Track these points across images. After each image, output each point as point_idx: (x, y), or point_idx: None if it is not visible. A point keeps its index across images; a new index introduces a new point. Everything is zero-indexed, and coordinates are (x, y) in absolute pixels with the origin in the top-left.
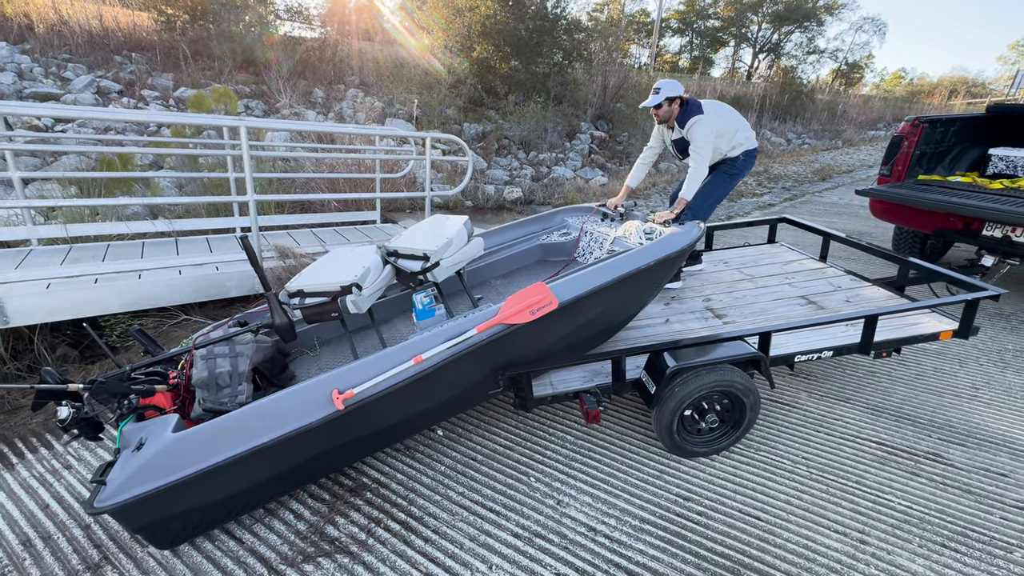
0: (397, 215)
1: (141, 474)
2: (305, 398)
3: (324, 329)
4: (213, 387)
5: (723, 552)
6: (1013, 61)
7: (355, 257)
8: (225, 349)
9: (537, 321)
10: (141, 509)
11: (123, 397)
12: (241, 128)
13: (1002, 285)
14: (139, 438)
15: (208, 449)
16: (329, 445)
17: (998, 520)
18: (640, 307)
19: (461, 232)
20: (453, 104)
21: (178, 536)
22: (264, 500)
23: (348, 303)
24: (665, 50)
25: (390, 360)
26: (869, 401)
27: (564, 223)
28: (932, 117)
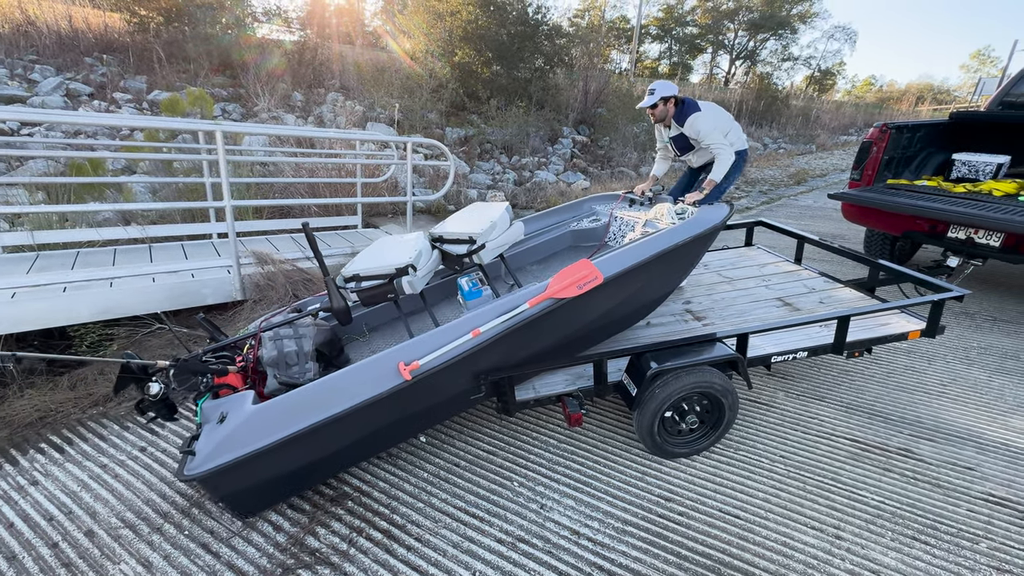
0: (379, 220)
1: (226, 444)
2: (375, 370)
3: (372, 316)
4: (283, 365)
5: (704, 551)
6: (975, 69)
7: (405, 242)
8: (289, 331)
9: (583, 296)
10: (226, 477)
11: (201, 376)
12: (217, 132)
13: (966, 285)
14: (220, 412)
15: (286, 420)
16: (396, 416)
17: (965, 512)
18: (676, 284)
19: (504, 216)
20: (435, 108)
21: (257, 504)
22: (333, 471)
23: (404, 284)
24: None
25: (451, 333)
26: (843, 399)
27: (593, 210)
28: (899, 123)
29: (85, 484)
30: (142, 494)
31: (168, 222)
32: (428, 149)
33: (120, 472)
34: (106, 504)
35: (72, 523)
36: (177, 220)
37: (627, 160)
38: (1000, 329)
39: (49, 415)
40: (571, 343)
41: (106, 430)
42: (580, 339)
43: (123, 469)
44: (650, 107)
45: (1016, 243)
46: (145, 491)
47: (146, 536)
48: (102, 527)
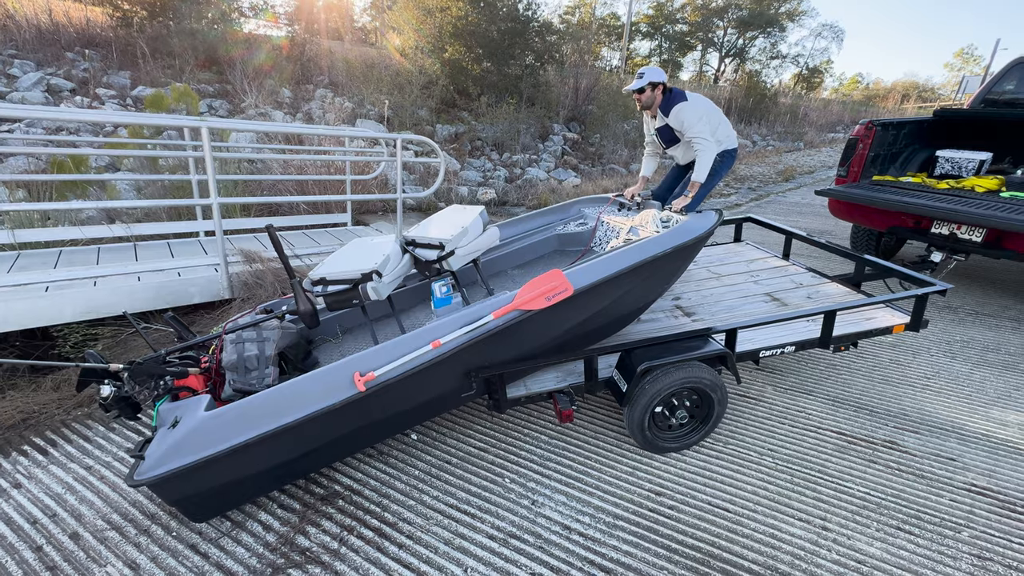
0: (369, 217)
1: (176, 449)
2: (329, 380)
3: (346, 318)
4: (242, 370)
5: (693, 544)
6: (958, 68)
7: (375, 246)
8: (253, 334)
9: (552, 308)
10: (177, 482)
11: (159, 378)
12: (203, 129)
13: (949, 280)
14: (174, 416)
15: (238, 427)
16: (351, 427)
17: (948, 502)
18: (656, 296)
19: (476, 222)
20: (425, 105)
21: (211, 510)
22: (290, 478)
23: (369, 290)
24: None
25: (409, 344)
26: (830, 393)
27: (581, 213)
28: (885, 121)
29: (70, 486)
30: (129, 496)
31: (153, 220)
32: (418, 146)
33: (106, 474)
34: (92, 506)
35: (57, 526)
36: (163, 218)
37: (618, 157)
38: (982, 323)
39: (32, 416)
40: (541, 354)
41: (91, 431)
42: (551, 351)
43: (109, 471)
44: (637, 91)
45: (997, 238)
46: (132, 493)
47: (133, 538)
48: (88, 529)
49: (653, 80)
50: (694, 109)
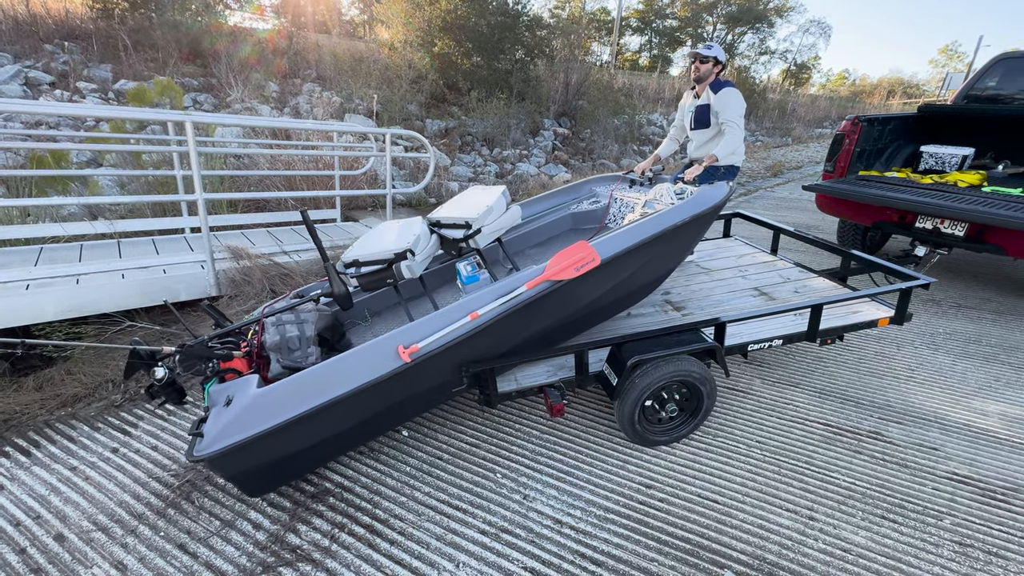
0: (358, 213)
1: (232, 426)
2: (375, 354)
3: (373, 301)
4: (285, 350)
5: (683, 536)
6: (943, 64)
7: (404, 227)
8: (291, 316)
9: (581, 278)
10: (234, 458)
11: (207, 361)
12: (187, 123)
13: (932, 274)
14: (226, 396)
15: (290, 402)
16: (397, 399)
17: (930, 491)
18: (675, 264)
19: (500, 200)
20: (415, 100)
21: (266, 484)
22: (336, 453)
23: (403, 268)
24: (626, 48)
25: (448, 317)
26: (817, 385)
27: (592, 192)
28: (870, 116)
29: (54, 487)
30: (115, 496)
31: (137, 216)
32: (408, 141)
33: (91, 474)
34: (77, 507)
35: (41, 527)
36: (147, 214)
37: (608, 152)
38: (964, 315)
39: (14, 417)
40: (569, 324)
41: (75, 431)
42: (579, 320)
43: (94, 471)
44: (701, 59)
45: (979, 232)
46: (118, 493)
47: (120, 538)
48: (72, 531)
49: (719, 57)
50: (738, 97)
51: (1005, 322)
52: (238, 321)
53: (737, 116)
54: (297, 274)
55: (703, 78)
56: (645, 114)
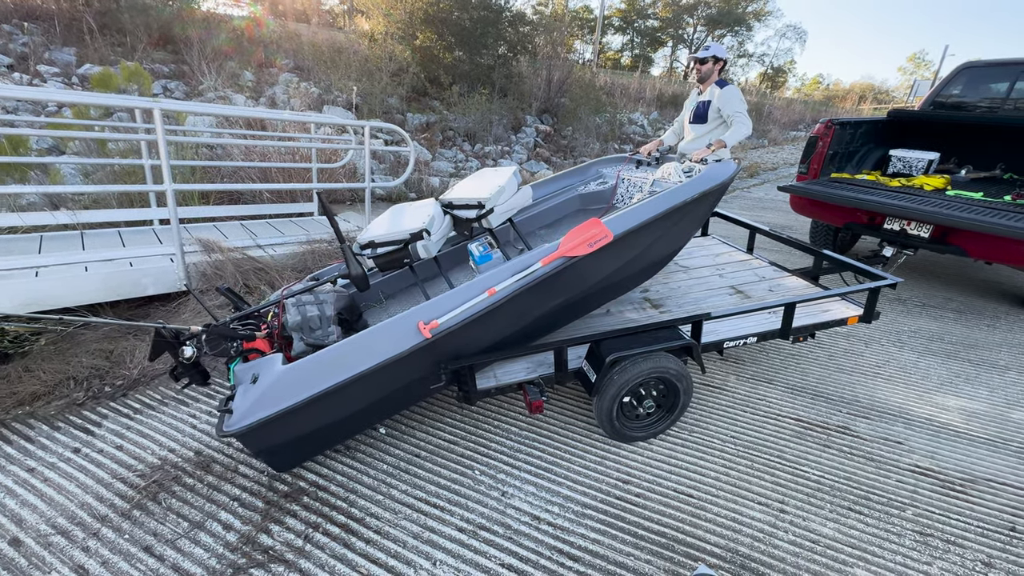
0: (336, 207)
1: (260, 402)
2: (396, 330)
3: (387, 284)
4: (307, 330)
5: (659, 530)
6: (911, 72)
7: (418, 208)
8: (311, 297)
9: (594, 254)
10: (263, 432)
11: (232, 341)
12: (156, 110)
13: (899, 274)
14: (252, 374)
15: (316, 377)
16: (415, 375)
17: (894, 483)
18: (684, 242)
19: (512, 181)
20: (395, 93)
21: (292, 459)
22: (357, 429)
23: (419, 248)
24: (608, 47)
25: (466, 293)
26: (789, 381)
27: (599, 174)
28: (843, 120)
29: (9, 490)
30: (76, 498)
31: (103, 207)
32: (388, 135)
33: (50, 475)
34: (34, 510)
35: None
36: (113, 205)
37: (590, 151)
38: (928, 314)
39: None
40: (582, 301)
41: (33, 431)
42: (591, 296)
43: (54, 472)
44: (700, 61)
45: (942, 234)
46: (80, 494)
47: (81, 542)
48: (29, 534)
49: (718, 55)
50: (740, 95)
51: (965, 321)
52: (256, 303)
53: (741, 107)
54: (272, 269)
55: (706, 77)
56: (626, 113)
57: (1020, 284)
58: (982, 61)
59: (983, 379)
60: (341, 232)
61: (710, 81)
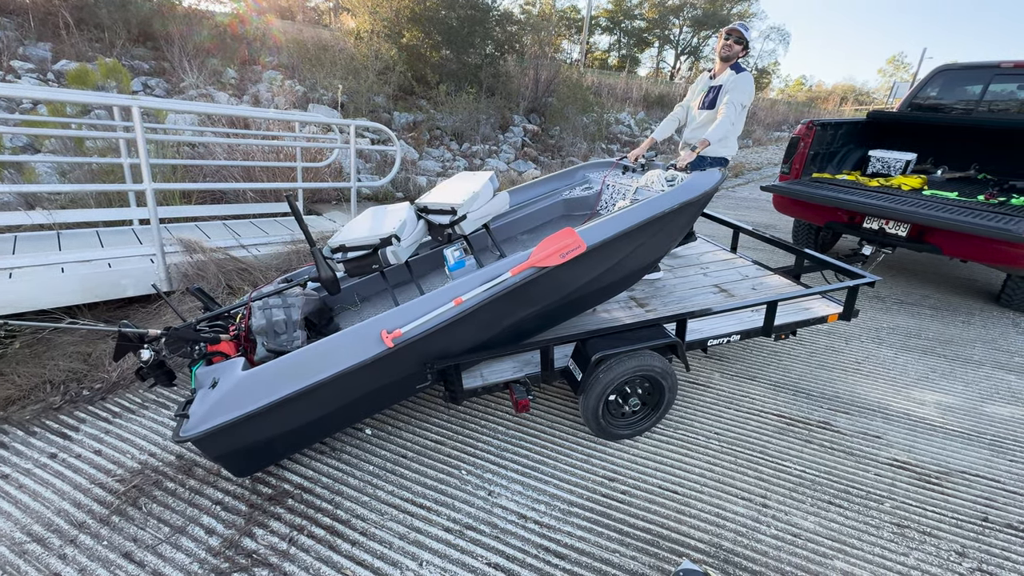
0: (322, 207)
1: (218, 407)
2: (358, 338)
3: (363, 287)
4: (271, 334)
5: (644, 527)
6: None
7: (390, 212)
8: (279, 300)
9: (566, 264)
10: (220, 438)
11: (194, 344)
12: (134, 108)
13: (878, 272)
14: (212, 378)
15: (275, 384)
16: (380, 383)
17: (873, 476)
18: (664, 252)
19: (487, 187)
20: (382, 92)
21: (253, 465)
22: (322, 434)
23: (388, 254)
24: (595, 47)
25: (432, 302)
26: (772, 378)
27: (585, 178)
28: (824, 121)
29: None
30: (52, 504)
31: (80, 206)
32: (374, 134)
33: (26, 482)
34: (8, 518)
35: None
36: (91, 204)
37: (577, 150)
38: (906, 311)
39: None
40: (556, 311)
41: (7, 437)
42: (565, 307)
43: (29, 479)
44: (735, 39)
45: (919, 233)
46: (56, 501)
47: (57, 549)
48: (3, 542)
49: (749, 41)
50: (752, 82)
51: (941, 317)
52: (227, 305)
53: (739, 100)
54: (256, 269)
55: (730, 58)
56: (613, 113)
57: (993, 281)
58: (958, 64)
59: (958, 374)
60: (310, 235)
61: (728, 64)
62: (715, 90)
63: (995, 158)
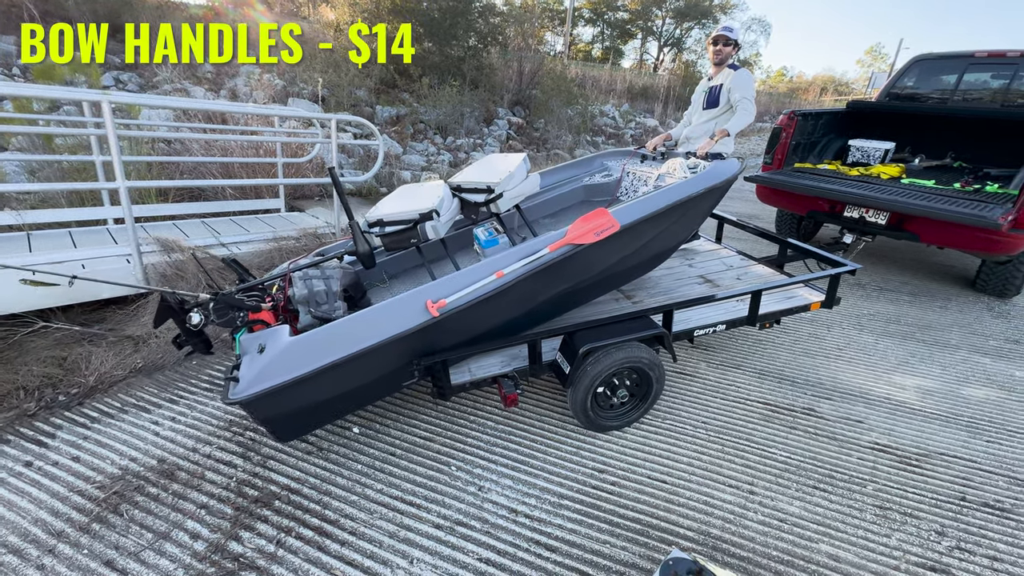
0: (304, 203)
1: (268, 371)
2: (404, 307)
3: (390, 264)
4: (313, 303)
5: (634, 517)
6: (869, 64)
7: (427, 189)
8: (317, 272)
9: (600, 243)
10: (269, 401)
11: (238, 311)
12: (104, 103)
13: (859, 260)
14: (259, 344)
15: (323, 350)
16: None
17: (856, 460)
18: (686, 236)
19: (521, 167)
20: (363, 85)
21: (296, 430)
22: (360, 404)
23: (428, 229)
24: (579, 39)
25: (474, 275)
26: (757, 366)
27: (604, 166)
28: (805, 111)
29: None
30: (29, 514)
31: (51, 206)
32: (357, 128)
33: (0, 492)
34: None
35: None
36: (62, 204)
37: (562, 143)
38: (886, 297)
39: None
40: (586, 290)
41: None
42: (594, 286)
43: (3, 488)
44: (725, 43)
45: (899, 221)
46: (33, 510)
47: (35, 560)
48: None
49: (737, 40)
50: (751, 76)
51: (920, 303)
52: (261, 277)
53: (749, 95)
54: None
55: (724, 59)
56: (598, 105)
57: (968, 267)
58: (933, 54)
59: (936, 358)
60: (350, 208)
61: (724, 65)
62: (716, 89)
63: (970, 146)
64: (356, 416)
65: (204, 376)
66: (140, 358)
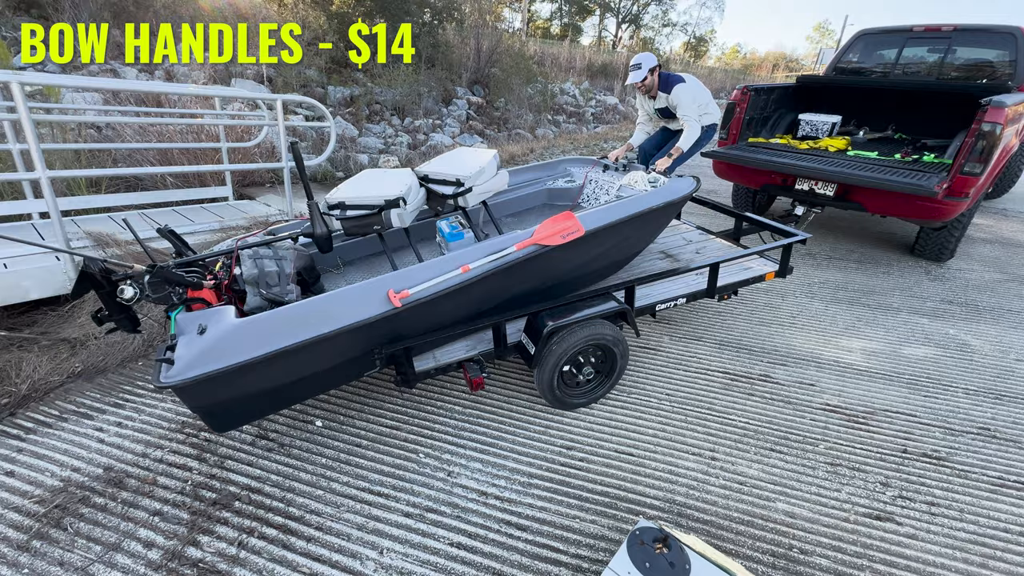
0: (255, 190)
1: (209, 354)
2: (365, 295)
3: (346, 250)
4: (263, 284)
5: (602, 491)
6: (817, 40)
7: (394, 176)
8: (269, 252)
9: (564, 246)
10: (206, 387)
11: (176, 286)
12: (13, 85)
13: (809, 230)
14: (199, 324)
15: (275, 335)
16: (378, 343)
17: (808, 422)
18: (642, 247)
19: (492, 163)
20: (313, 64)
21: (234, 420)
22: (304, 396)
23: (393, 216)
24: (537, 15)
25: (440, 267)
26: (717, 337)
27: (567, 172)
28: (757, 86)
29: None
30: None
31: None
32: (308, 110)
33: None
34: None
35: None
36: None
37: (523, 122)
38: (835, 265)
39: None
40: (543, 291)
41: None
42: (553, 287)
43: None
44: (640, 81)
45: (845, 192)
46: None
47: None
48: None
49: (651, 66)
50: (689, 91)
51: (865, 269)
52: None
53: (692, 111)
54: None
55: (651, 87)
56: (558, 83)
57: (908, 234)
58: (876, 28)
59: (880, 321)
60: (310, 186)
61: (656, 90)
62: (663, 110)
63: (909, 118)
64: (318, 408)
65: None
66: (78, 361)
